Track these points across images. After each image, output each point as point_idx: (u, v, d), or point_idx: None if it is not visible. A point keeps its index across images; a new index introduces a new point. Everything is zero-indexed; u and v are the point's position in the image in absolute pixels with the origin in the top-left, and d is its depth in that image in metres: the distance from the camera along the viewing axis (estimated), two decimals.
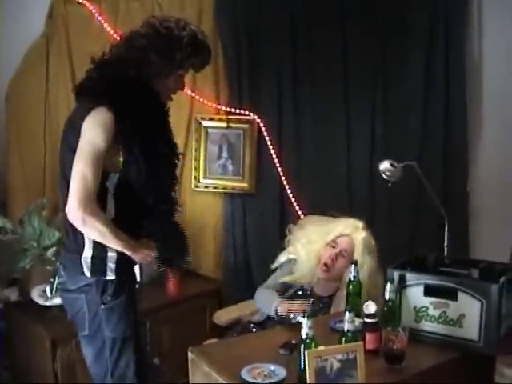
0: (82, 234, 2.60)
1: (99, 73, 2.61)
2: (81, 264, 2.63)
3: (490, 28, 3.85)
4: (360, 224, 3.37)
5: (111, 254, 2.63)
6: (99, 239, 2.54)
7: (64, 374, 3.40)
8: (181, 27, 2.59)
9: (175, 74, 2.69)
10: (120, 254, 2.63)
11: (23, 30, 3.91)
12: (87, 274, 2.63)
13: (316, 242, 3.39)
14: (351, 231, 3.34)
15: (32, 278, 3.76)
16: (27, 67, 3.91)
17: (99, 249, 2.61)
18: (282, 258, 3.52)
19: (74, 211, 2.44)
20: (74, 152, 2.50)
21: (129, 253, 2.62)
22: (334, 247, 3.32)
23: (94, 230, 2.50)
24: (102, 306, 2.65)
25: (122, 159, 2.53)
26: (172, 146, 2.74)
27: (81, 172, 2.45)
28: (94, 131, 2.48)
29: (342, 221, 3.43)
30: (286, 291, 3.40)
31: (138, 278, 3.44)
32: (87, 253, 2.62)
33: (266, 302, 3.28)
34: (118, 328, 2.69)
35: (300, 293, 3.39)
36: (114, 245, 2.57)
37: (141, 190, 2.60)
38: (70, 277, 2.69)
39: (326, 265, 3.28)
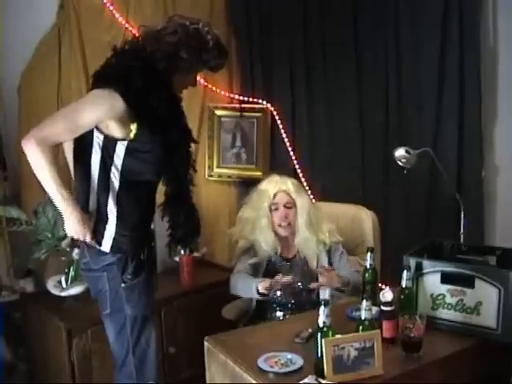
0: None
1: (116, 61, 2.70)
2: None
3: (505, 14, 3.81)
4: (276, 176, 3.54)
5: (109, 229, 2.72)
6: (36, 173, 2.53)
7: (80, 364, 3.40)
8: (206, 31, 2.73)
9: (194, 72, 2.84)
10: (121, 231, 2.72)
11: (34, 20, 3.89)
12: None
13: (259, 217, 3.47)
14: (279, 186, 3.46)
15: (47, 269, 3.77)
16: (39, 58, 3.89)
17: (100, 221, 2.72)
18: (240, 250, 3.61)
19: (27, 136, 2.48)
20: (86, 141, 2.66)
21: (61, 209, 2.64)
22: (277, 209, 3.44)
23: (31, 159, 2.50)
24: (123, 285, 2.76)
25: (134, 128, 2.61)
26: (184, 129, 2.84)
27: (55, 116, 2.57)
28: (88, 99, 2.63)
29: (263, 186, 3.53)
30: (257, 271, 3.48)
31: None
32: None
33: (245, 285, 3.35)
34: (139, 306, 2.81)
35: (281, 264, 3.50)
36: (48, 188, 2.55)
37: (151, 167, 2.70)
38: (93, 257, 2.79)
39: (280, 225, 3.42)
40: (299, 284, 3.39)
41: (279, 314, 3.42)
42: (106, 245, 2.73)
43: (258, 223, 3.46)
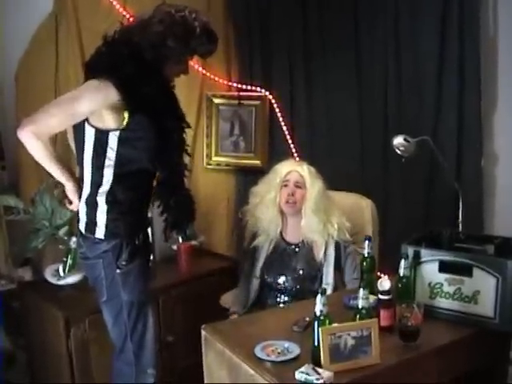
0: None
1: (107, 50, 2.73)
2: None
3: (505, 2, 3.78)
4: (294, 160, 3.73)
5: (100, 217, 2.76)
6: (36, 159, 2.61)
7: (78, 353, 3.40)
8: (193, 17, 2.74)
9: (185, 60, 2.85)
10: (113, 216, 2.76)
11: (32, 8, 3.88)
12: (82, 230, 2.85)
13: (268, 192, 3.51)
14: (294, 167, 3.53)
15: (45, 258, 3.77)
16: (36, 46, 3.89)
17: (90, 210, 2.79)
18: (249, 233, 3.67)
19: (22, 126, 2.51)
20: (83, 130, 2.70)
21: (62, 181, 2.77)
22: (286, 185, 3.47)
23: (31, 150, 2.56)
24: (118, 271, 2.80)
25: (126, 116, 2.63)
26: (177, 115, 2.86)
27: (49, 106, 2.58)
28: (83, 90, 2.64)
29: (279, 165, 3.58)
30: (258, 253, 3.56)
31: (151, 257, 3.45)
32: (83, 213, 2.82)
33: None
34: (135, 291, 2.85)
35: (286, 248, 3.53)
36: (49, 169, 2.67)
37: (145, 154, 2.73)
38: (88, 246, 2.84)
39: (288, 202, 3.45)
40: (302, 271, 3.42)
41: (280, 300, 3.45)
42: (101, 232, 2.76)
43: (266, 197, 3.50)
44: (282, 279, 3.43)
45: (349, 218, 3.51)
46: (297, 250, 3.50)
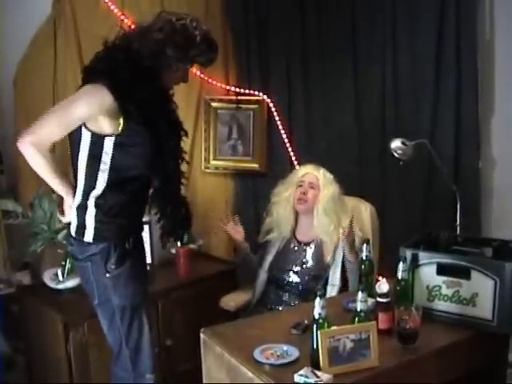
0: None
1: (104, 55, 2.71)
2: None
3: (502, 4, 3.80)
4: (313, 165, 3.67)
5: (88, 220, 2.74)
6: (36, 170, 2.61)
7: (77, 357, 3.39)
8: (194, 26, 2.72)
9: (184, 68, 2.83)
10: (101, 219, 2.74)
11: (30, 12, 3.89)
12: (73, 233, 2.81)
13: (284, 191, 3.62)
14: (311, 170, 3.63)
15: (43, 262, 3.76)
16: (35, 50, 3.89)
17: (80, 214, 2.76)
18: (264, 228, 3.73)
19: (21, 137, 2.51)
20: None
21: (62, 194, 2.78)
22: (301, 185, 3.58)
23: (30, 161, 2.56)
24: (107, 275, 2.76)
25: (121, 122, 2.61)
26: (173, 122, 2.84)
27: (46, 115, 2.56)
28: (78, 95, 2.63)
29: (299, 168, 3.82)
30: (271, 247, 3.64)
31: (149, 260, 3.45)
32: (73, 216, 2.79)
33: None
34: (126, 295, 2.81)
35: (296, 246, 3.60)
36: (50, 182, 2.68)
37: (141, 160, 2.71)
38: (77, 246, 2.82)
39: (299, 199, 3.55)
40: (310, 270, 3.47)
41: (285, 299, 3.49)
42: (89, 235, 2.75)
43: (282, 196, 3.60)
44: (289, 276, 3.48)
45: None
46: (307, 248, 3.54)
